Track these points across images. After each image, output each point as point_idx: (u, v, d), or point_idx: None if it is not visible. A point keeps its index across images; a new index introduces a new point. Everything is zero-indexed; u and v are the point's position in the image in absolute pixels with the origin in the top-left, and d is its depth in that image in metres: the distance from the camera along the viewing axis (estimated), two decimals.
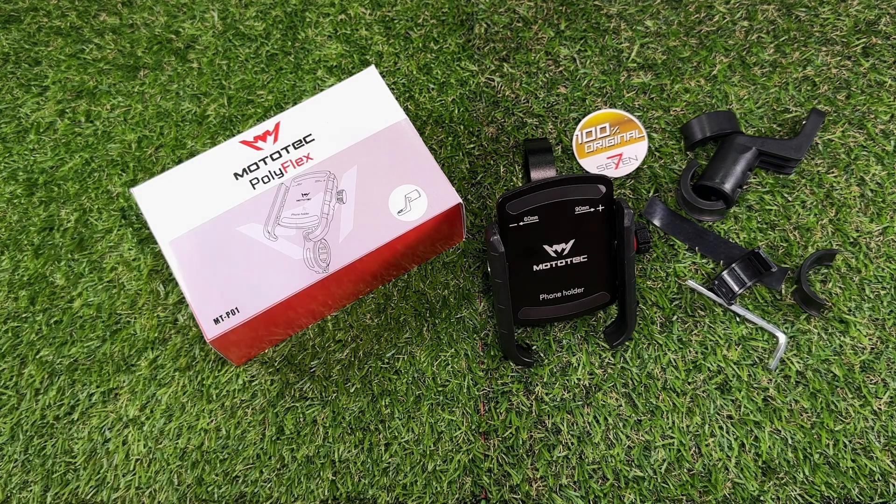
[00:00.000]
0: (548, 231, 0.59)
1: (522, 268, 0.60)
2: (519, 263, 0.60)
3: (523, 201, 0.57)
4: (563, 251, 0.60)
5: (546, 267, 0.60)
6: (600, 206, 0.58)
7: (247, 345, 0.65)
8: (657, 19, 0.80)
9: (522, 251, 0.60)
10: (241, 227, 0.63)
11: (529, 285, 0.61)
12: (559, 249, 0.60)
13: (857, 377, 0.64)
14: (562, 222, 0.59)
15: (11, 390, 0.68)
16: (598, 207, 0.58)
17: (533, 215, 0.58)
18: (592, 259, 0.61)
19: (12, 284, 0.72)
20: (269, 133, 0.67)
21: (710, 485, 0.61)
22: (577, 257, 0.61)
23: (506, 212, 0.57)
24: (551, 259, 0.60)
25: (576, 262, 0.61)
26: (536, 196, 0.57)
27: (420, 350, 0.67)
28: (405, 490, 0.63)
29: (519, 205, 0.57)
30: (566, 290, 0.62)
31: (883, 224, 0.69)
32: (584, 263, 0.61)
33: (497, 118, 0.76)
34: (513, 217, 0.58)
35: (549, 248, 0.60)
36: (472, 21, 0.82)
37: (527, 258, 0.60)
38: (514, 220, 0.58)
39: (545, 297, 0.62)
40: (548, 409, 0.64)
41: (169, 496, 0.64)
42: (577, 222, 0.59)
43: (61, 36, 0.85)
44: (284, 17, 0.84)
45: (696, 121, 0.71)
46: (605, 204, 0.58)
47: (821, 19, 0.78)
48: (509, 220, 0.58)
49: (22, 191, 0.77)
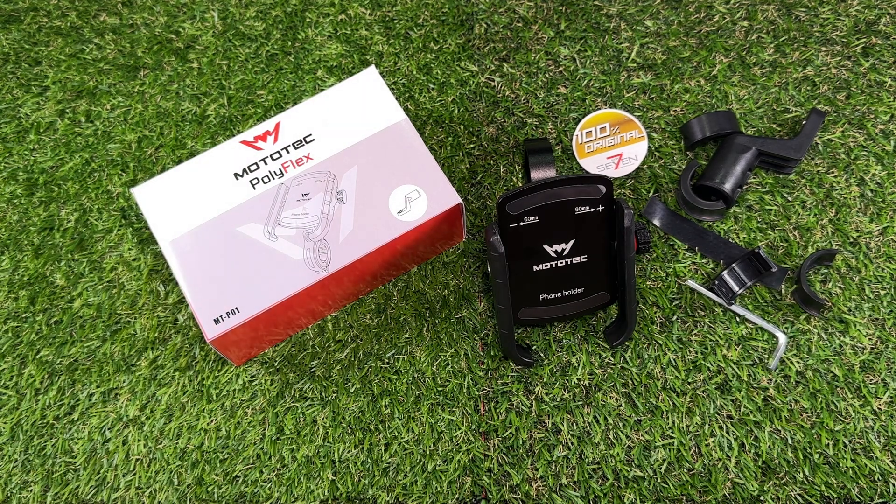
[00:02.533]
0: (548, 231, 0.59)
1: (522, 268, 0.60)
2: (519, 263, 0.60)
3: (523, 201, 0.57)
4: (563, 251, 0.60)
5: (546, 267, 0.60)
6: (600, 207, 0.58)
7: (247, 345, 0.65)
8: (657, 19, 0.80)
9: (522, 251, 0.60)
10: (242, 227, 0.63)
11: (529, 285, 0.61)
12: (559, 250, 0.60)
13: (857, 377, 0.64)
14: (562, 222, 0.59)
15: (11, 390, 0.68)
16: (598, 207, 0.58)
17: (533, 215, 0.58)
18: (592, 259, 0.61)
19: (12, 284, 0.72)
20: (269, 133, 0.67)
21: (710, 485, 0.61)
22: (577, 257, 0.60)
23: (506, 212, 0.57)
24: (551, 259, 0.60)
25: (576, 262, 0.61)
26: (536, 196, 0.57)
27: (420, 350, 0.67)
28: (405, 490, 0.63)
29: (519, 205, 0.57)
30: (566, 291, 0.62)
31: (883, 224, 0.69)
32: (584, 264, 0.61)
33: (497, 118, 0.76)
34: (513, 217, 0.58)
35: (549, 249, 0.60)
36: (472, 21, 0.82)
37: (527, 258, 0.60)
38: (514, 220, 0.58)
39: (545, 297, 0.62)
40: (548, 409, 0.64)
41: (169, 496, 0.64)
42: (577, 222, 0.59)
43: (61, 36, 0.85)
44: (284, 17, 0.84)
45: (696, 121, 0.71)
46: (605, 204, 0.58)
47: (821, 19, 0.78)
48: (509, 220, 0.58)
49: (22, 191, 0.77)
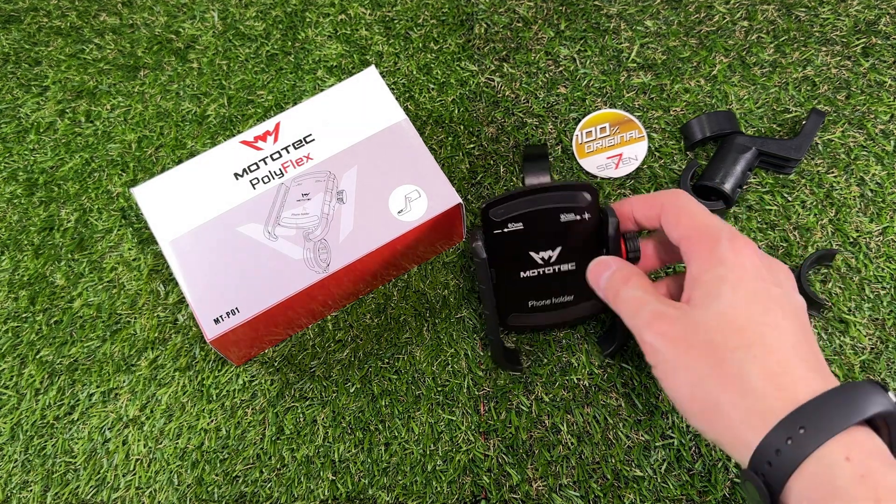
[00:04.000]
0: (533, 238, 0.58)
1: (510, 274, 0.60)
2: (506, 270, 0.59)
3: (507, 208, 0.56)
4: (550, 259, 0.59)
5: (534, 274, 0.60)
6: (586, 214, 0.57)
7: (247, 345, 0.65)
8: (657, 19, 0.80)
9: (509, 257, 0.59)
10: (242, 227, 0.63)
11: (517, 292, 0.61)
12: (546, 257, 0.59)
13: (857, 377, 0.64)
14: (547, 230, 0.58)
15: (11, 390, 0.68)
16: (584, 215, 0.57)
17: (517, 222, 0.57)
18: (581, 267, 0.60)
19: (12, 284, 0.72)
20: (269, 133, 0.67)
21: (710, 485, 0.61)
22: (564, 265, 0.59)
23: (489, 218, 0.57)
24: (538, 266, 0.59)
25: (564, 269, 0.60)
26: (520, 203, 0.56)
27: (420, 350, 0.67)
28: (405, 490, 0.63)
29: (502, 211, 0.57)
30: (555, 298, 0.61)
31: (883, 224, 0.69)
32: (573, 271, 0.60)
33: (497, 118, 0.76)
34: (496, 223, 0.57)
35: (535, 255, 0.59)
36: (472, 21, 0.82)
37: (514, 264, 0.59)
38: (497, 226, 0.57)
39: (534, 304, 0.61)
40: (547, 408, 0.64)
41: (169, 496, 0.64)
42: (564, 230, 0.58)
43: (61, 36, 0.85)
44: (284, 17, 0.84)
45: (696, 121, 0.71)
46: (591, 212, 0.57)
47: (821, 19, 0.78)
48: (493, 226, 0.57)
49: (22, 191, 0.77)
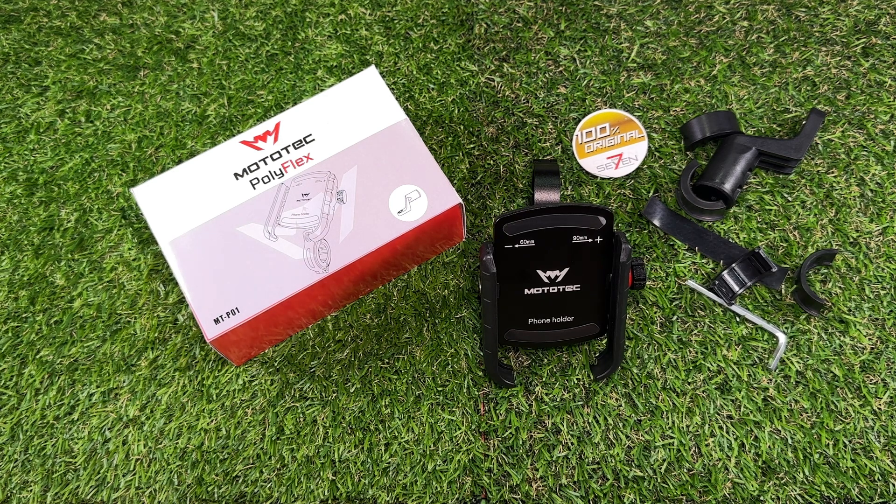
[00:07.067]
0: (543, 256, 0.58)
1: (514, 289, 0.60)
2: (511, 285, 0.59)
3: (521, 224, 0.57)
4: (557, 278, 0.59)
5: (537, 292, 0.60)
6: (599, 238, 0.57)
7: (247, 345, 0.65)
8: (657, 19, 0.80)
9: (516, 273, 0.59)
10: (242, 227, 0.63)
11: (519, 308, 0.61)
12: (552, 276, 0.59)
13: (857, 377, 0.64)
14: (558, 249, 0.58)
15: (11, 390, 0.68)
16: (596, 239, 0.57)
17: (529, 239, 0.57)
18: (585, 289, 0.60)
19: (12, 284, 0.72)
20: (269, 133, 0.67)
21: (710, 485, 0.61)
22: (570, 286, 0.60)
23: (502, 232, 0.57)
24: (544, 284, 0.59)
25: (568, 290, 0.60)
26: (535, 220, 0.57)
27: (420, 350, 0.67)
28: (405, 490, 0.63)
29: (516, 227, 0.57)
30: (556, 317, 0.61)
31: (883, 224, 0.69)
32: (577, 293, 0.60)
33: (497, 118, 0.76)
34: (509, 238, 0.57)
35: (542, 274, 0.59)
36: (472, 21, 0.82)
37: (519, 280, 0.59)
38: (509, 241, 0.57)
39: (533, 321, 0.61)
40: (548, 409, 0.64)
41: (169, 496, 0.64)
42: (574, 251, 0.58)
43: (61, 36, 0.85)
44: (284, 17, 0.84)
45: (696, 121, 0.71)
46: (603, 236, 0.57)
47: (821, 19, 0.78)
48: (505, 241, 0.57)
49: (22, 191, 0.77)
